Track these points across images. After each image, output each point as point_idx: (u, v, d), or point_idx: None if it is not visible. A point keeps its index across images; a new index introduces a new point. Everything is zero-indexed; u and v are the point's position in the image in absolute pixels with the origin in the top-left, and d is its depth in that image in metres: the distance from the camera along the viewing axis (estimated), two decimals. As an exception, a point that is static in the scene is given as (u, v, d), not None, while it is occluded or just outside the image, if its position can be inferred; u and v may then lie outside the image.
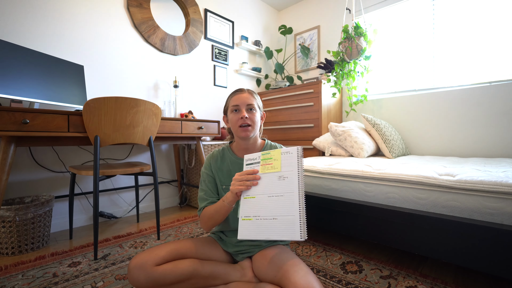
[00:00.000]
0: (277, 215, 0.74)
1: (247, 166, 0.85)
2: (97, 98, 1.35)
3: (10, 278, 1.16)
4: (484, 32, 2.09)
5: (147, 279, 0.82)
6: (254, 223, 0.76)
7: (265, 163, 0.81)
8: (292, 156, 0.79)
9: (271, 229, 0.74)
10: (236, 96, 1.01)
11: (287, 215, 0.73)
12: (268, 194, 0.77)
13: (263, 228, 0.74)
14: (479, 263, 0.96)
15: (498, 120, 1.98)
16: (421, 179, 1.15)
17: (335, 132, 2.05)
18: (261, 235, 0.74)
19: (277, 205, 0.75)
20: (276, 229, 0.73)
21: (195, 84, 2.64)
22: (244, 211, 0.79)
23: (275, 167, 0.80)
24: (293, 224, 0.72)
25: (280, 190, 0.77)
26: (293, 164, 0.78)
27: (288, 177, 0.77)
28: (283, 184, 0.77)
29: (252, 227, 0.76)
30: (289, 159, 0.79)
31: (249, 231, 0.76)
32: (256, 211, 0.77)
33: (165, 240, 1.59)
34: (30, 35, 1.68)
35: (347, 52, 2.44)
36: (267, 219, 0.75)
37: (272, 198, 0.77)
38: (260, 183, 0.80)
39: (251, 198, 0.79)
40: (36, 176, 1.72)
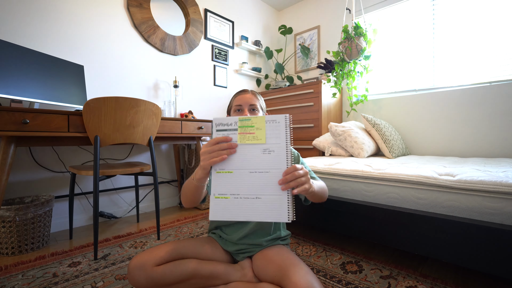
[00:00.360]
0: (261, 194, 0.65)
1: (219, 133, 0.69)
2: (97, 98, 1.35)
3: (10, 278, 1.16)
4: (484, 32, 2.09)
5: (147, 280, 0.82)
6: (232, 202, 0.66)
7: (245, 131, 0.67)
8: (279, 126, 0.67)
9: (253, 209, 0.65)
10: (239, 96, 1.03)
11: (273, 194, 0.65)
12: (250, 169, 0.66)
13: (244, 208, 0.65)
14: (479, 263, 0.96)
15: (498, 120, 1.98)
16: (421, 179, 1.15)
17: (335, 132, 2.05)
18: (241, 215, 0.65)
19: (261, 182, 0.66)
20: (260, 209, 0.65)
21: (195, 84, 2.64)
22: (218, 188, 0.66)
23: (258, 137, 0.67)
24: (281, 204, 0.64)
25: (265, 166, 0.66)
26: (281, 136, 0.66)
27: (275, 151, 0.66)
28: (269, 159, 0.66)
29: (229, 206, 0.66)
30: (276, 129, 0.67)
31: (225, 211, 0.66)
32: (234, 188, 0.66)
33: (165, 240, 1.59)
34: (30, 35, 1.68)
35: (347, 52, 2.44)
36: (248, 198, 0.65)
37: (255, 174, 0.66)
38: (238, 155, 0.67)
39: (227, 173, 0.66)
40: (36, 176, 1.72)
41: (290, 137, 0.66)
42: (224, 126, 0.68)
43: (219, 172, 0.67)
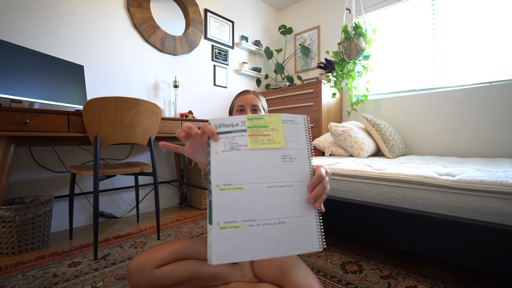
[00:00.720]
0: (286, 216, 0.47)
1: (221, 136, 0.49)
2: (97, 98, 1.35)
3: (10, 278, 1.16)
4: (484, 32, 2.09)
5: (146, 282, 0.81)
6: (245, 231, 0.45)
7: (257, 133, 0.50)
8: (299, 128, 0.52)
9: (277, 239, 0.46)
10: (241, 97, 1.04)
11: (300, 216, 0.48)
12: (268, 182, 0.48)
13: (264, 240, 0.45)
14: (479, 263, 0.96)
15: (498, 120, 1.98)
16: (421, 179, 1.15)
17: (335, 132, 2.05)
18: (261, 252, 0.45)
19: (284, 200, 0.48)
20: (285, 238, 0.46)
21: (195, 84, 2.64)
22: (222, 213, 0.45)
23: (276, 140, 0.50)
24: (310, 229, 0.48)
25: (287, 178, 0.49)
26: (301, 140, 0.52)
27: (297, 159, 0.51)
28: (290, 169, 0.50)
29: (240, 240, 0.44)
30: (295, 131, 0.52)
31: (236, 247, 0.44)
32: (248, 211, 0.46)
33: (165, 240, 1.59)
34: (30, 35, 1.68)
35: (346, 52, 2.44)
36: (269, 224, 0.46)
37: (275, 189, 0.48)
38: (250, 164, 0.48)
39: (235, 190, 0.46)
40: (36, 176, 1.72)
41: (310, 143, 0.53)
42: (227, 127, 0.50)
43: (223, 189, 0.46)
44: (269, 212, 0.47)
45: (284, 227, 0.46)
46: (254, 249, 0.44)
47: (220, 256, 0.43)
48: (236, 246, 0.43)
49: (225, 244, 0.43)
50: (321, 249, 0.48)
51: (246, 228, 0.45)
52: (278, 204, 0.47)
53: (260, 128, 0.51)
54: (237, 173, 0.47)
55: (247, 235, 0.45)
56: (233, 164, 0.48)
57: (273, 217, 0.47)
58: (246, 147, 0.49)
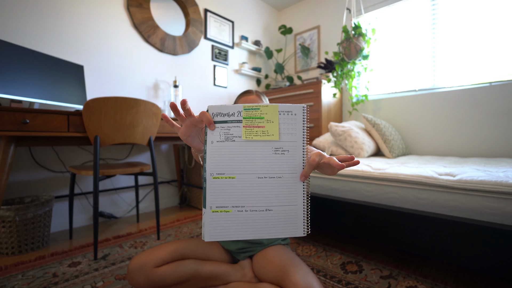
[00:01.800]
0: (273, 205, 0.52)
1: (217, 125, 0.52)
2: (97, 98, 1.35)
3: (10, 278, 1.16)
4: (484, 32, 2.09)
5: (146, 281, 0.81)
6: (235, 216, 0.51)
7: (252, 124, 0.52)
8: (296, 119, 0.53)
9: (263, 224, 0.52)
10: (243, 98, 1.02)
11: (287, 205, 0.52)
12: (259, 173, 0.52)
13: (251, 224, 0.51)
14: (479, 263, 0.96)
15: (498, 120, 1.98)
16: (421, 179, 1.15)
17: (335, 132, 2.05)
18: (247, 233, 0.51)
19: (273, 190, 0.52)
20: (271, 223, 0.52)
21: (195, 84, 2.64)
22: (216, 199, 0.51)
23: (269, 132, 0.52)
24: (296, 216, 0.53)
25: (278, 169, 0.52)
26: (297, 132, 0.53)
27: (290, 151, 0.53)
28: (282, 161, 0.52)
29: (230, 223, 0.51)
30: (292, 122, 0.53)
31: (226, 228, 0.51)
32: (238, 198, 0.51)
33: (165, 240, 1.59)
34: (30, 35, 1.68)
35: (346, 52, 2.44)
36: (257, 211, 0.51)
37: (264, 180, 0.52)
38: (242, 155, 0.52)
39: (227, 179, 0.51)
40: (36, 176, 1.72)
41: (307, 135, 0.54)
42: (224, 116, 0.52)
43: (216, 177, 0.51)
44: (257, 200, 0.52)
45: (271, 214, 0.52)
46: (241, 231, 0.51)
47: (211, 235, 0.50)
48: (226, 227, 0.51)
49: (216, 225, 0.50)
50: (305, 234, 0.53)
51: (235, 213, 0.51)
52: (266, 194, 0.52)
53: (255, 119, 0.52)
54: (230, 163, 0.51)
55: (236, 219, 0.51)
56: (227, 154, 0.51)
57: (261, 205, 0.52)
58: (240, 138, 0.52)
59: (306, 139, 0.54)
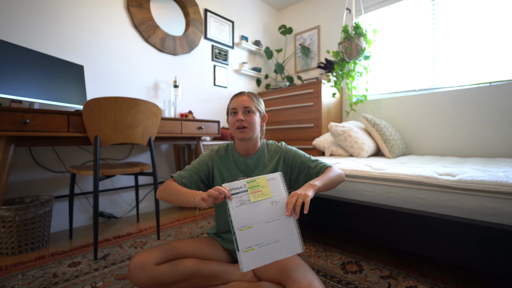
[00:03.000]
0: (279, 237, 0.78)
1: (234, 196, 0.79)
2: (97, 98, 1.35)
3: (10, 278, 1.16)
4: (484, 32, 2.09)
5: (147, 279, 0.82)
6: (258, 251, 0.75)
7: (254, 191, 0.81)
8: (278, 181, 0.85)
9: (274, 251, 0.77)
10: (235, 99, 1.03)
11: (287, 235, 0.79)
12: (266, 220, 0.79)
13: (267, 252, 0.76)
14: (479, 263, 0.96)
15: (498, 120, 1.98)
16: (421, 179, 1.15)
17: (335, 132, 2.05)
18: (266, 259, 0.76)
19: (276, 228, 0.79)
20: (279, 249, 0.77)
21: (195, 84, 2.64)
22: (244, 243, 0.75)
23: (265, 193, 0.81)
24: (294, 241, 0.79)
25: (276, 214, 0.80)
26: (280, 189, 0.84)
27: (280, 201, 0.82)
28: (277, 208, 0.81)
29: (256, 256, 0.75)
30: (276, 184, 0.84)
31: (254, 260, 0.75)
32: (257, 239, 0.76)
33: (165, 240, 1.59)
34: (30, 35, 1.68)
35: (346, 52, 2.44)
36: (270, 244, 0.77)
37: (270, 223, 0.79)
38: (253, 211, 0.79)
39: (248, 229, 0.77)
40: (36, 176, 1.72)
41: (285, 188, 0.85)
42: (236, 190, 0.80)
43: (242, 229, 0.76)
44: (269, 237, 0.78)
45: (278, 243, 0.78)
46: (263, 258, 0.76)
47: (247, 266, 0.74)
48: (254, 259, 0.75)
49: (248, 259, 0.75)
50: (303, 250, 0.79)
51: (257, 249, 0.76)
52: (273, 231, 0.79)
53: (255, 187, 0.82)
54: (248, 218, 0.78)
55: (259, 252, 0.76)
56: (244, 213, 0.78)
57: (271, 239, 0.78)
58: (249, 201, 0.80)
59: (287, 191, 0.85)
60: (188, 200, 0.85)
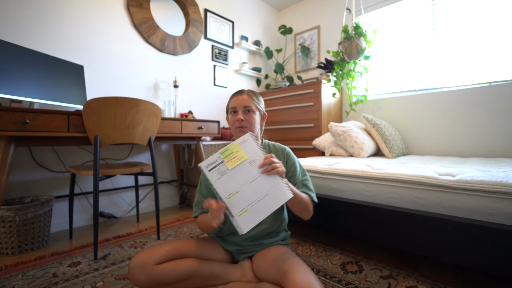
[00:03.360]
0: (267, 191, 0.80)
1: (211, 172, 0.80)
2: (97, 98, 1.35)
3: (10, 278, 1.16)
4: (484, 32, 2.09)
5: (147, 278, 0.82)
6: (251, 210, 0.77)
7: (230, 158, 0.82)
8: (250, 142, 0.85)
9: (267, 204, 0.78)
10: (235, 98, 1.03)
11: (274, 186, 0.80)
12: (249, 180, 0.80)
13: (261, 208, 0.78)
14: (479, 263, 0.96)
15: (498, 120, 1.98)
16: (421, 179, 1.15)
17: (335, 132, 2.05)
18: (262, 215, 0.77)
19: (262, 183, 0.80)
20: (271, 201, 0.79)
21: (195, 84, 2.64)
22: (235, 208, 0.77)
23: (241, 157, 0.82)
24: (282, 189, 0.81)
25: (257, 172, 0.81)
26: (254, 148, 0.84)
27: (256, 159, 0.83)
28: (256, 166, 0.82)
29: (251, 215, 0.77)
30: (248, 145, 0.84)
31: (251, 220, 0.77)
32: (247, 200, 0.78)
33: (165, 240, 1.59)
34: (30, 35, 1.68)
35: (346, 52, 2.44)
36: (261, 200, 0.79)
37: (254, 181, 0.80)
38: (235, 176, 0.80)
39: (235, 194, 0.78)
40: (36, 176, 1.72)
41: (260, 146, 0.85)
42: (212, 164, 0.81)
43: (229, 197, 0.78)
44: (257, 194, 0.79)
45: (269, 196, 0.80)
46: (259, 215, 0.77)
47: (245, 228, 0.76)
48: (251, 219, 0.77)
49: (244, 221, 0.77)
50: (292, 195, 0.82)
51: (250, 208, 0.78)
52: (260, 188, 0.80)
53: (229, 155, 0.82)
54: (232, 185, 0.80)
55: (253, 211, 0.78)
56: (227, 182, 0.80)
57: (261, 195, 0.79)
58: (228, 169, 0.81)
59: (260, 147, 0.85)
60: (209, 224, 0.86)
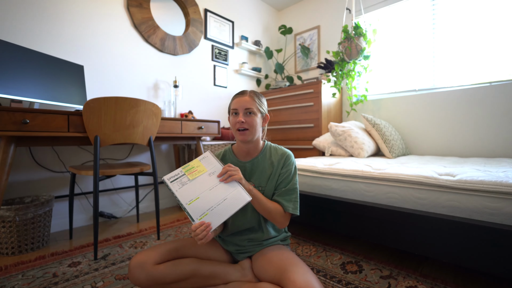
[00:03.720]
0: (225, 196, 0.86)
1: (173, 183, 0.89)
2: (97, 98, 1.35)
3: (10, 278, 1.16)
4: (484, 32, 2.09)
5: (147, 278, 0.82)
6: (212, 214, 0.83)
7: (191, 172, 0.92)
8: (209, 158, 0.96)
9: (226, 208, 0.84)
10: (236, 99, 1.00)
11: (232, 191, 0.87)
12: (209, 188, 0.88)
13: (221, 211, 0.83)
14: (479, 263, 0.96)
15: (498, 120, 1.98)
16: (421, 179, 1.15)
17: (335, 132, 2.05)
18: (222, 218, 0.83)
19: (220, 190, 0.87)
20: (230, 205, 0.84)
21: (195, 84, 2.64)
22: (196, 212, 0.83)
23: (201, 170, 0.93)
24: (240, 193, 0.87)
25: (216, 181, 0.89)
26: (213, 162, 0.94)
27: (216, 171, 0.92)
28: (214, 178, 0.90)
29: (212, 218, 0.83)
30: (208, 161, 0.95)
31: (212, 222, 0.82)
32: (207, 205, 0.84)
33: (165, 240, 1.59)
34: (30, 35, 1.68)
35: (346, 52, 2.44)
36: (220, 204, 0.85)
37: (214, 189, 0.88)
38: (195, 186, 0.88)
39: (195, 200, 0.85)
40: (36, 176, 1.72)
41: (219, 161, 0.95)
42: (174, 177, 0.91)
43: (190, 203, 0.85)
44: (216, 199, 0.86)
45: (227, 200, 0.86)
46: (219, 218, 0.83)
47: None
48: (212, 221, 0.82)
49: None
50: (251, 198, 0.87)
51: (210, 212, 0.84)
52: (219, 194, 0.87)
53: (191, 169, 0.93)
54: (192, 193, 0.87)
55: (214, 214, 0.83)
56: (188, 190, 0.88)
57: (219, 200, 0.86)
58: (189, 180, 0.90)
59: (219, 161, 0.95)
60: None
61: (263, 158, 1.04)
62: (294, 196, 1.00)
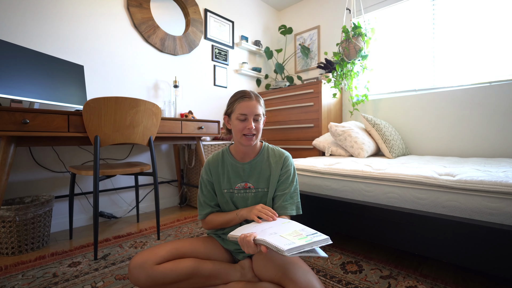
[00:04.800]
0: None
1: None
2: (97, 98, 1.35)
3: (10, 278, 1.16)
4: (484, 32, 2.09)
5: (147, 278, 0.82)
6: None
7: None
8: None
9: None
10: (244, 103, 0.96)
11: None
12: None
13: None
14: (479, 263, 0.96)
15: (498, 120, 1.98)
16: (421, 179, 1.15)
17: (335, 132, 2.05)
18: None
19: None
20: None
21: (195, 84, 2.64)
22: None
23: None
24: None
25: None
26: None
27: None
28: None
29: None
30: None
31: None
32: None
33: (165, 240, 1.59)
34: (30, 35, 1.68)
35: (345, 52, 2.44)
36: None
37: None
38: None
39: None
40: (36, 176, 1.72)
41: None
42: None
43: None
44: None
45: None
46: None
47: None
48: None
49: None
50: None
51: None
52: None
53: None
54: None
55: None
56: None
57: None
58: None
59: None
60: (234, 219, 0.97)
61: (261, 160, 1.04)
62: (296, 198, 1.03)
